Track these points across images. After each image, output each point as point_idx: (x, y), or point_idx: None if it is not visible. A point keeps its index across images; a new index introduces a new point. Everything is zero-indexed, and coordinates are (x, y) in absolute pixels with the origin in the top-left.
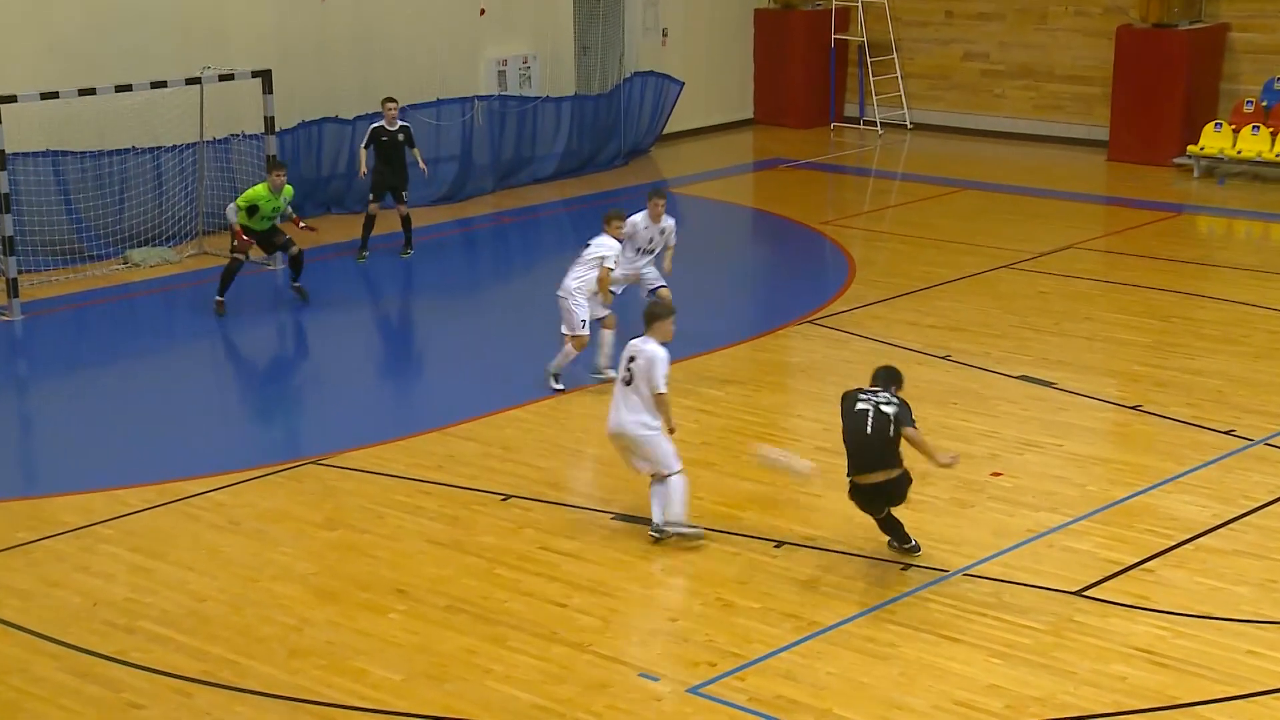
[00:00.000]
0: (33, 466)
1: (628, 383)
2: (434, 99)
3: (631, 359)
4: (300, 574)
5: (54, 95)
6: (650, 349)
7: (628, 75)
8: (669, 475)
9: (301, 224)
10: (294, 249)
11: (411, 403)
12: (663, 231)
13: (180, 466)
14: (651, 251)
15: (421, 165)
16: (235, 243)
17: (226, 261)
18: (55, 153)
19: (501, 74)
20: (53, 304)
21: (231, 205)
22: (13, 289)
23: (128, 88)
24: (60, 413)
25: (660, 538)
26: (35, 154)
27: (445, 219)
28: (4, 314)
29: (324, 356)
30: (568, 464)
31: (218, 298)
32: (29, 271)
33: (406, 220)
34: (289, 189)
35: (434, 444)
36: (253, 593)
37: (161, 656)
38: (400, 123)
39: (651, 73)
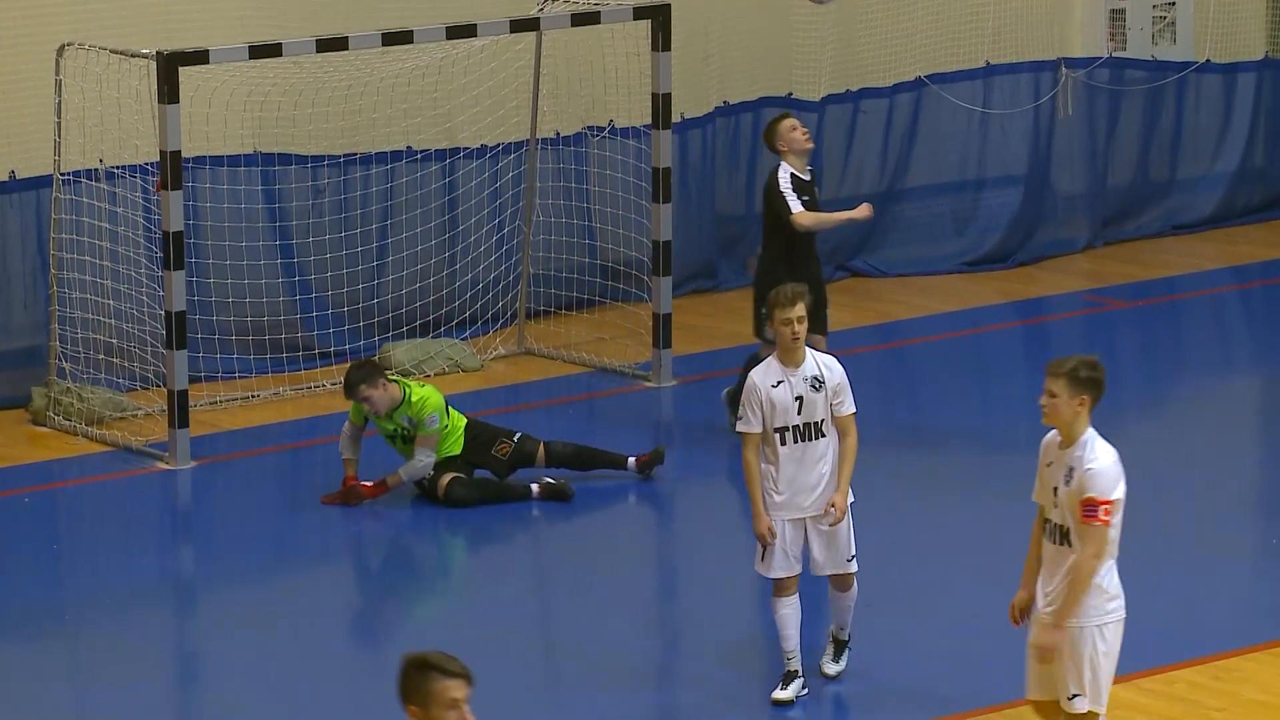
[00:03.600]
0: None
1: None
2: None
3: None
4: None
5: (276, 51)
6: None
7: None
8: None
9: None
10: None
11: None
12: None
13: None
14: None
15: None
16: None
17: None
18: (265, 159)
19: (1117, 21)
20: (240, 441)
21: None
22: (180, 412)
23: (404, 37)
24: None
25: None
26: (232, 159)
27: (1007, 295)
28: (162, 459)
29: None
30: None
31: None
32: (210, 379)
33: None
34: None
35: None
36: None
37: None
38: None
39: None
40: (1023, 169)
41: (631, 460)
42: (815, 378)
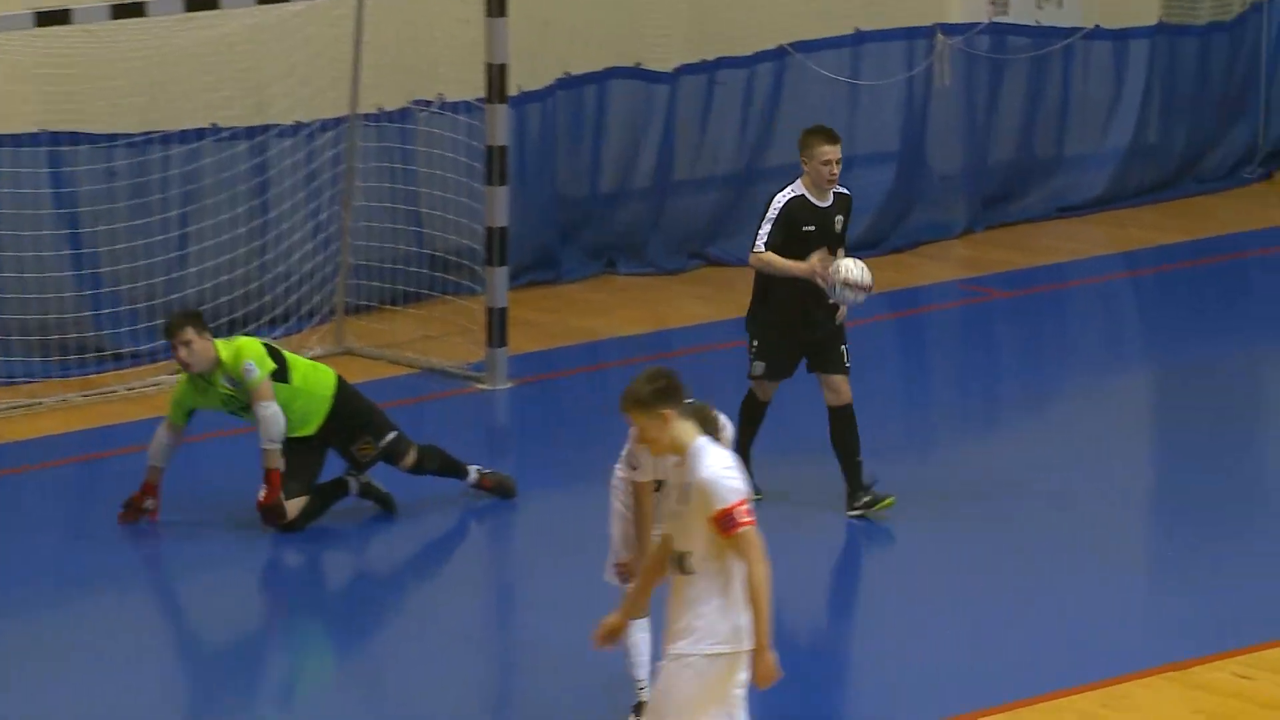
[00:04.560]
0: None
1: None
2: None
3: None
4: None
5: (64, 18)
6: None
7: None
8: None
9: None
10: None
11: None
12: None
13: None
14: None
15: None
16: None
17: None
18: (52, 138)
19: None
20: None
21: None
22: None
23: (209, 2)
24: None
25: None
26: (14, 138)
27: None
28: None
29: None
30: None
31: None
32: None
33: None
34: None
35: None
36: None
37: None
38: (841, 187)
39: None
40: (895, 146)
41: (474, 472)
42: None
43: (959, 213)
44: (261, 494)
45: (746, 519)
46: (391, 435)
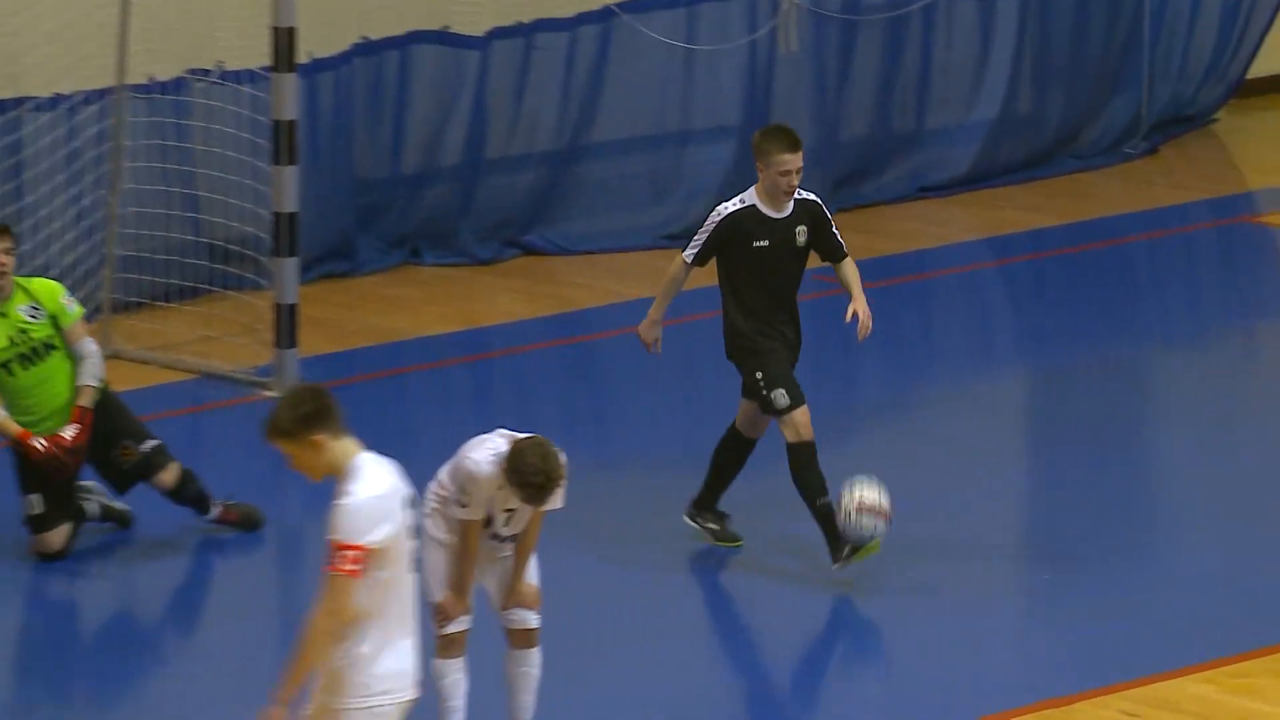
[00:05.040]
0: None
1: None
2: None
3: None
4: None
5: None
6: None
7: None
8: None
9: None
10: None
11: None
12: None
13: None
14: None
15: None
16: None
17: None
18: None
19: None
20: None
21: None
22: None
23: None
24: None
25: None
26: None
27: (713, 277)
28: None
29: None
30: None
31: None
32: None
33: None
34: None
35: None
36: None
37: None
38: (806, 194)
39: None
40: (736, 119)
41: (216, 508)
42: None
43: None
44: (71, 433)
45: (347, 565)
46: (154, 443)
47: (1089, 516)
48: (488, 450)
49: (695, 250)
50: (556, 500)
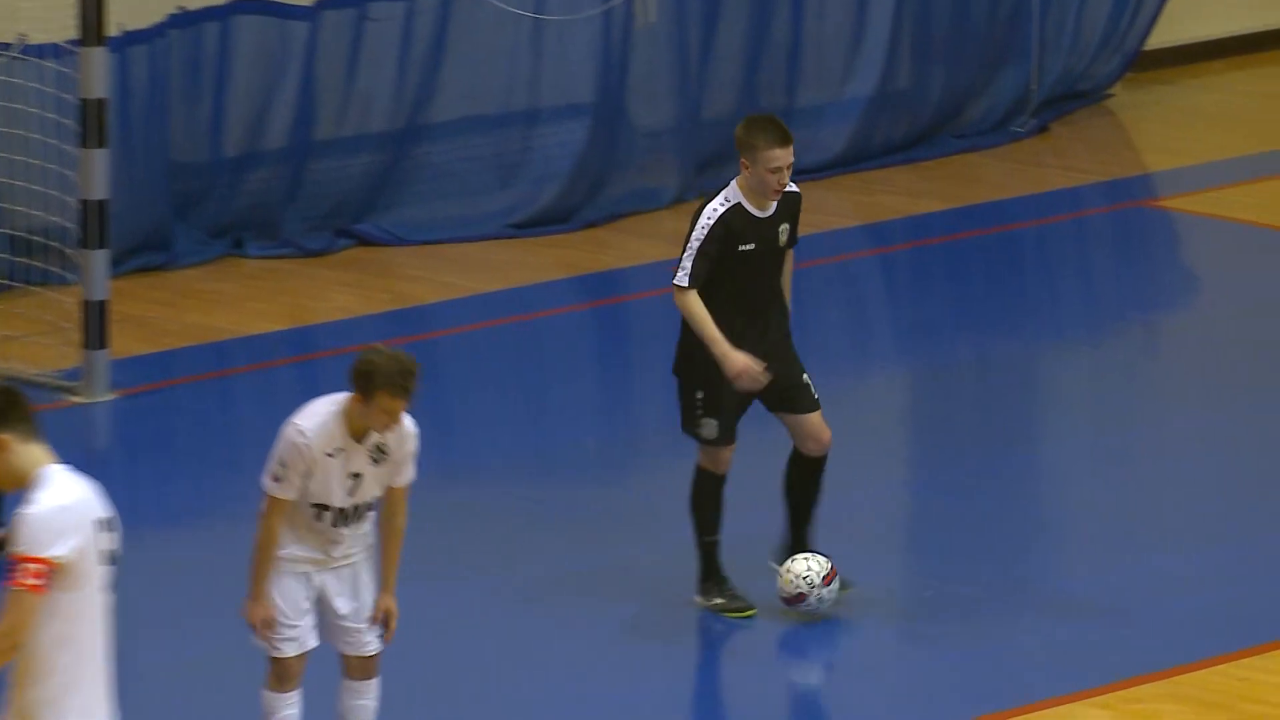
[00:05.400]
0: None
1: None
2: None
3: None
4: None
5: None
6: None
7: None
8: None
9: None
10: None
11: None
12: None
13: None
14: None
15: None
16: None
17: None
18: None
19: None
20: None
21: None
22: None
23: None
24: None
25: None
26: None
27: (571, 268)
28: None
29: None
30: None
31: None
32: None
33: None
34: None
35: None
36: None
37: None
38: (790, 187)
39: None
40: (589, 97)
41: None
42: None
43: (668, 178)
44: None
45: (29, 580)
46: None
47: (967, 531)
48: (316, 406)
49: (689, 273)
50: (409, 469)
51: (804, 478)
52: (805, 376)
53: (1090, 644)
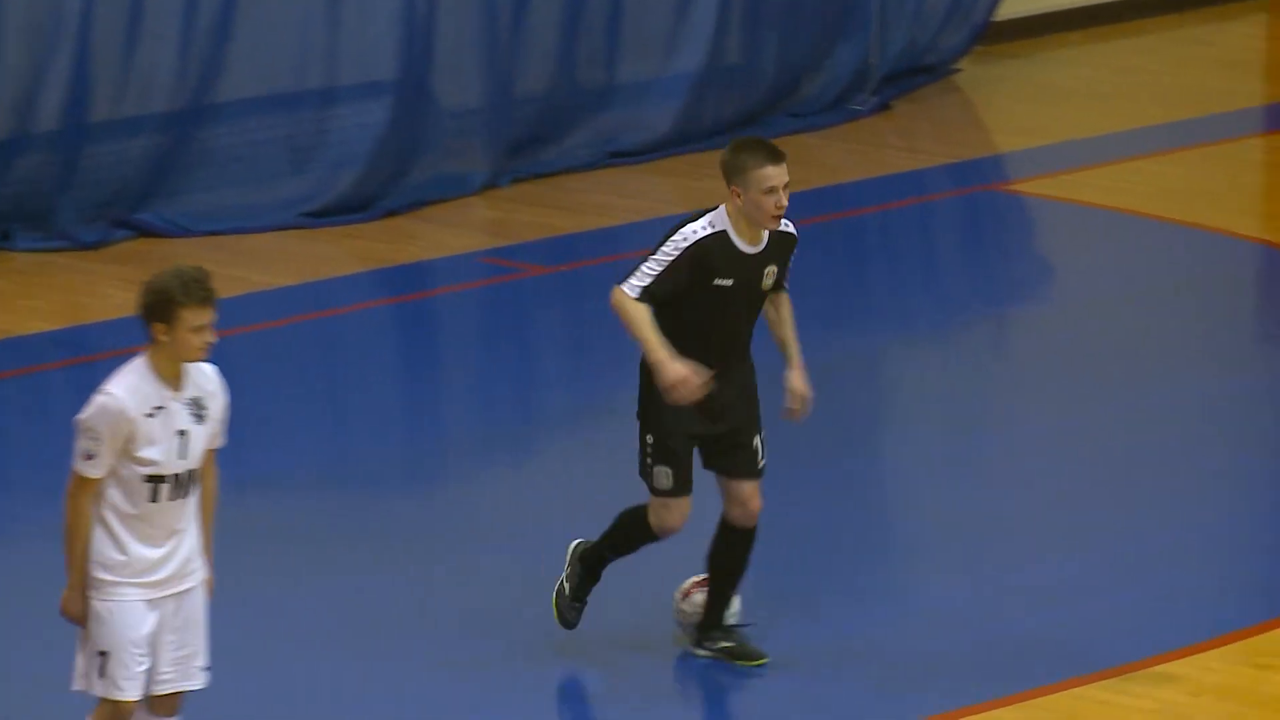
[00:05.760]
0: None
1: None
2: None
3: None
4: None
5: None
6: None
7: None
8: None
9: None
10: None
11: None
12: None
13: None
14: None
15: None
16: None
17: None
18: None
19: None
20: None
21: None
22: None
23: None
24: None
25: None
26: None
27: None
28: None
29: None
30: None
31: None
32: None
33: None
34: None
35: None
36: None
37: None
38: (788, 226)
39: None
40: (391, 73)
41: None
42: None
43: (478, 162)
44: None
45: None
46: None
47: (806, 547)
48: (118, 373)
49: (642, 286)
50: (222, 432)
51: (725, 547)
52: (757, 440)
53: (944, 662)
